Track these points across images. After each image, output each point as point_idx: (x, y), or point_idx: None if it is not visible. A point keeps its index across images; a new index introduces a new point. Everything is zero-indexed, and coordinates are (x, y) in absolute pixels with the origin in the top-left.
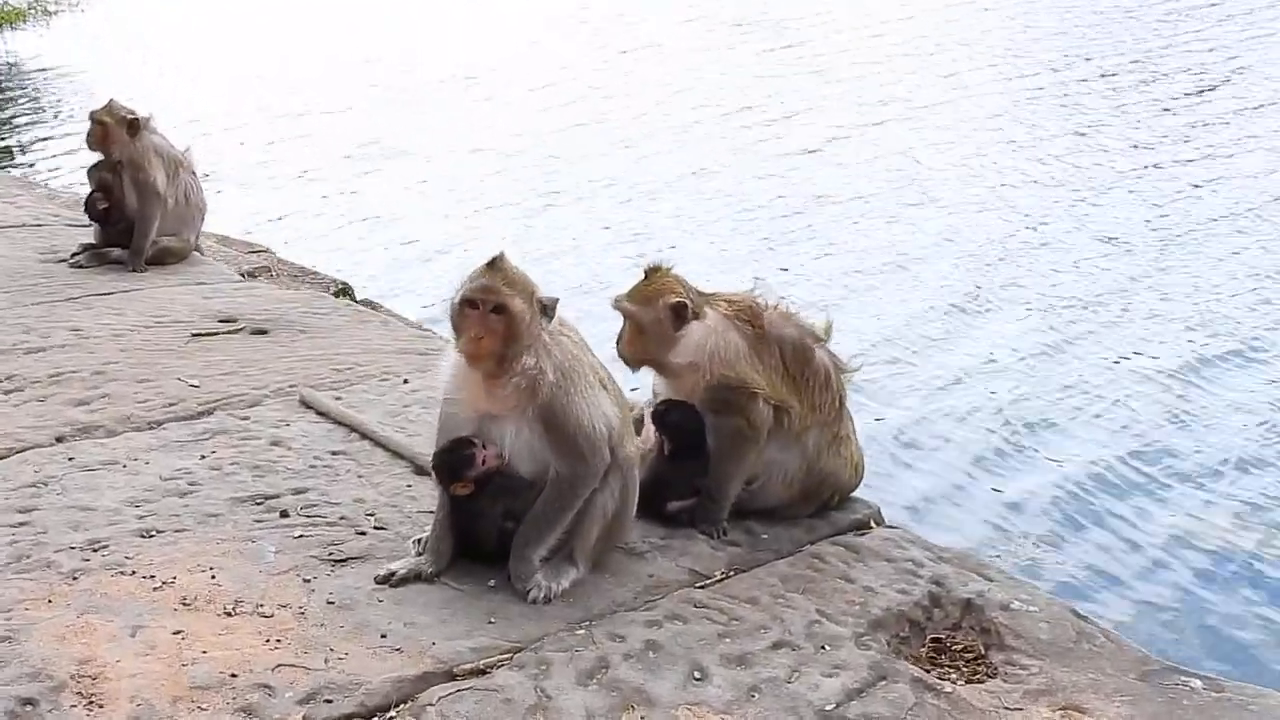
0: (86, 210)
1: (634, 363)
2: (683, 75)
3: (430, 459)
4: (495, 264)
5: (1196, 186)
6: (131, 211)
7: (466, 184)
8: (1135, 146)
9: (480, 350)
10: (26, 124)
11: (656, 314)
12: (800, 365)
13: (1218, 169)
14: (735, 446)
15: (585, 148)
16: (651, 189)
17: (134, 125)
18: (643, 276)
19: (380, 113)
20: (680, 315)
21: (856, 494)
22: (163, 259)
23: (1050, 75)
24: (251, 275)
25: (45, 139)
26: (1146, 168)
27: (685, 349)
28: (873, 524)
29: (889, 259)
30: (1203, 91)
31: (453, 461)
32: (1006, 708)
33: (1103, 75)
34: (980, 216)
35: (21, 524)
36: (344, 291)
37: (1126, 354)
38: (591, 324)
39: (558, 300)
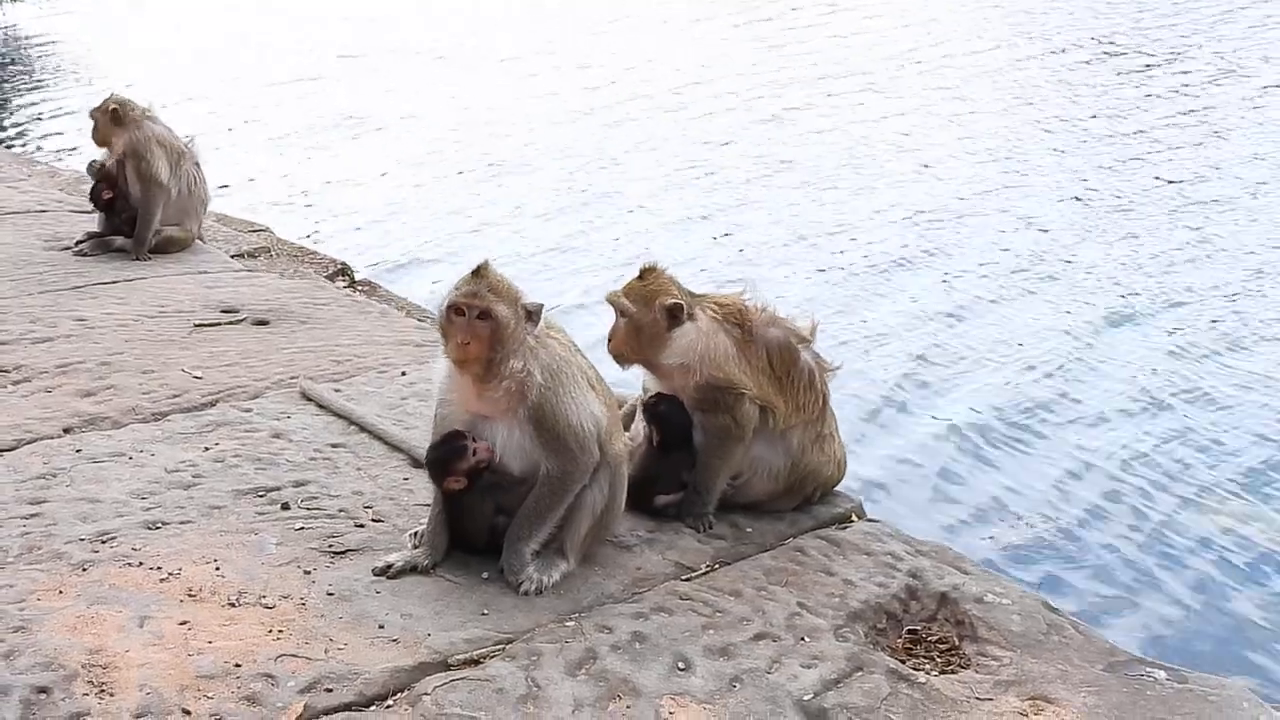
0: (91, 199)
1: (625, 360)
2: (656, 49)
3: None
4: (480, 271)
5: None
6: (135, 201)
7: (440, 153)
8: (1068, 120)
9: (468, 356)
10: (25, 97)
11: (652, 314)
12: (786, 366)
13: (1154, 144)
14: (722, 444)
15: (553, 117)
16: (615, 156)
17: (115, 115)
18: (638, 275)
19: (356, 84)
20: (675, 317)
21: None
22: (166, 248)
23: (1006, 51)
24: (251, 255)
25: (43, 112)
26: (1085, 141)
27: (676, 350)
28: (854, 517)
29: (832, 228)
30: (1152, 68)
31: (446, 454)
32: (977, 698)
33: (1055, 51)
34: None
35: (32, 515)
36: (343, 271)
37: (1106, 342)
38: (558, 283)
39: (542, 305)
